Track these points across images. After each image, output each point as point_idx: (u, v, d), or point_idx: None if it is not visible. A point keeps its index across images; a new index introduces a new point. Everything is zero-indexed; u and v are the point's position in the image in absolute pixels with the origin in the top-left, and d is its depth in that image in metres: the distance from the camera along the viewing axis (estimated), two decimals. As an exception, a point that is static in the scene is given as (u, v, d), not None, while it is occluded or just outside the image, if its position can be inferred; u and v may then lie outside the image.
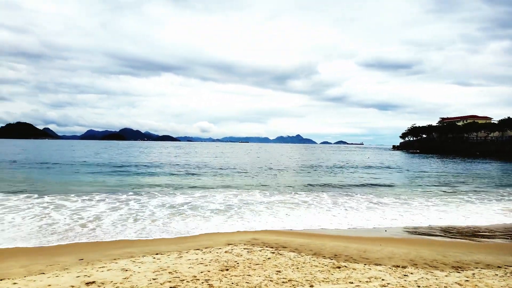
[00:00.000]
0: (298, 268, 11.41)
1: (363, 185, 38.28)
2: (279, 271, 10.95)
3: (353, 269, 11.41)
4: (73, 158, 72.09)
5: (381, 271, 11.27)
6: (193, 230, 17.70)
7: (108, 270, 11.06)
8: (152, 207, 22.69)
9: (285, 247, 14.36)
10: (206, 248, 14.13)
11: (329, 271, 11.13)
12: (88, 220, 19.12)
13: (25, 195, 25.86)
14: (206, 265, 11.51)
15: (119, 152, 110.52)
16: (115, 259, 12.51)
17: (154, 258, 12.57)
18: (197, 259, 12.30)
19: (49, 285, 9.73)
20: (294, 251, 13.74)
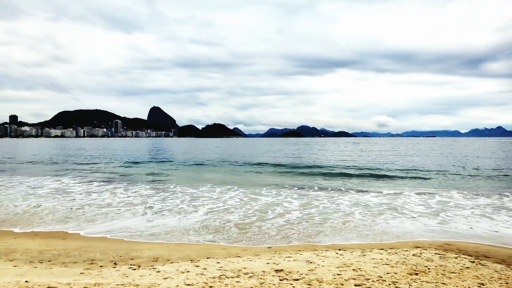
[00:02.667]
0: (508, 284, 9.54)
1: None
2: (482, 284, 9.38)
3: None
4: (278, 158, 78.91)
5: None
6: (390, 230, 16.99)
7: (294, 260, 11.60)
8: (345, 205, 22.75)
9: (488, 257, 12.26)
10: (391, 248, 13.33)
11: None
12: (277, 213, 20.66)
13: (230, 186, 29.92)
14: (392, 267, 10.81)
15: (314, 151, 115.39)
16: (299, 251, 13.06)
17: (337, 253, 12.55)
18: (382, 259, 11.69)
19: (244, 268, 10.79)
20: (500, 263, 11.59)
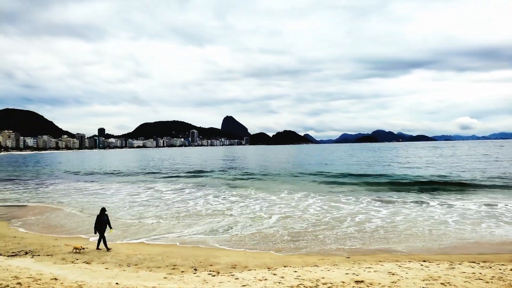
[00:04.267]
0: None
1: None
2: None
3: None
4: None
5: None
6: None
7: (374, 271, 10.98)
8: (435, 213, 21.40)
9: None
10: (484, 262, 12.05)
11: None
12: (357, 221, 19.89)
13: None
14: (487, 282, 9.74)
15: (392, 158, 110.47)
16: (380, 261, 12.36)
17: (421, 265, 11.66)
18: (474, 273, 10.59)
19: (322, 277, 10.46)
20: None
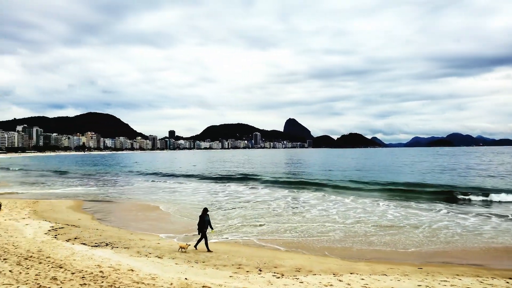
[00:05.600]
0: None
1: None
2: None
3: None
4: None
5: None
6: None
7: (451, 286, 10.25)
8: None
9: None
10: None
11: None
12: (433, 230, 18.80)
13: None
14: None
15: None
16: (457, 275, 11.49)
17: (507, 282, 10.64)
18: None
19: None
20: None
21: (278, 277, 11.31)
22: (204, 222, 14.62)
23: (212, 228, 15.04)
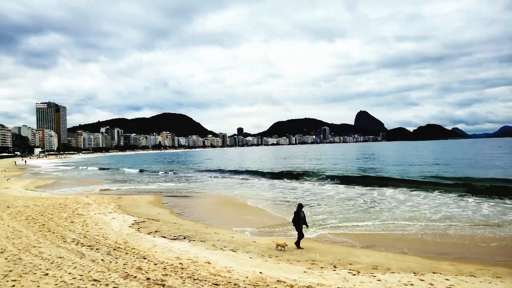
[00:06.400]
0: None
1: None
2: None
3: None
4: None
5: None
6: None
7: (554, 290, 9.15)
8: None
9: None
10: None
11: None
12: (515, 225, 17.05)
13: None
14: None
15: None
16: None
17: None
18: None
19: (482, 290, 9.18)
20: None
21: (354, 274, 11.00)
22: (299, 219, 14.30)
23: (307, 226, 14.73)
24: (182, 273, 10.55)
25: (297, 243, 14.37)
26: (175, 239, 15.64)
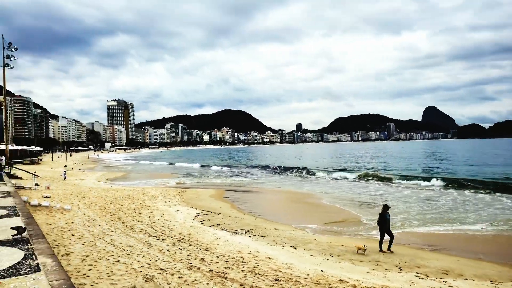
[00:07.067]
0: None
1: None
2: None
3: None
4: None
5: None
6: None
7: None
8: None
9: None
10: None
11: None
12: None
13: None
14: None
15: None
16: None
17: None
18: None
19: None
20: None
21: (422, 278, 10.40)
22: (385, 221, 13.60)
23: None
24: (243, 267, 10.67)
25: (380, 244, 13.53)
26: (236, 233, 15.89)
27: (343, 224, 18.48)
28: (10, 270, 5.82)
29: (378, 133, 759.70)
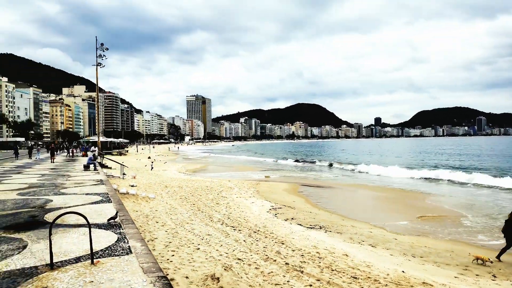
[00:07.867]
0: None
1: None
2: None
3: None
4: None
5: None
6: None
7: None
8: None
9: None
10: None
11: None
12: None
13: None
14: None
15: None
16: None
17: None
18: None
19: None
20: None
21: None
22: None
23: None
24: (319, 262, 10.52)
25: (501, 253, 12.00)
26: (311, 228, 15.74)
27: (436, 223, 17.33)
28: (107, 251, 6.37)
29: (466, 127, 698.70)
